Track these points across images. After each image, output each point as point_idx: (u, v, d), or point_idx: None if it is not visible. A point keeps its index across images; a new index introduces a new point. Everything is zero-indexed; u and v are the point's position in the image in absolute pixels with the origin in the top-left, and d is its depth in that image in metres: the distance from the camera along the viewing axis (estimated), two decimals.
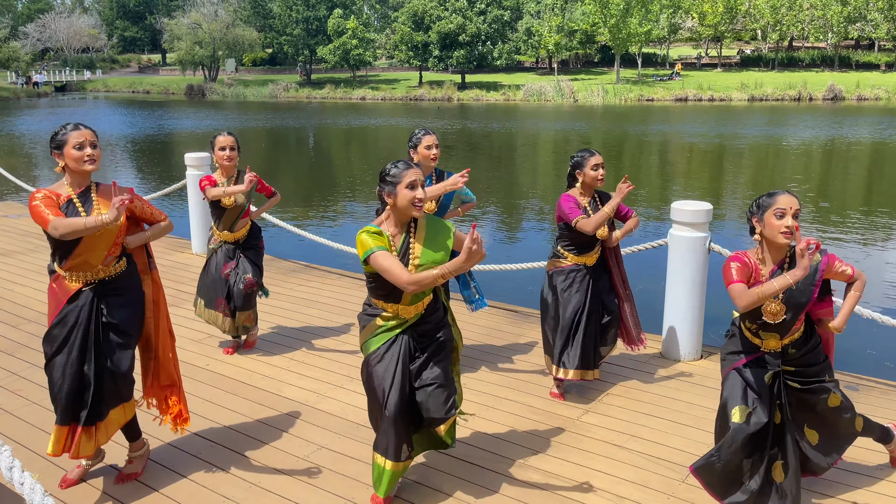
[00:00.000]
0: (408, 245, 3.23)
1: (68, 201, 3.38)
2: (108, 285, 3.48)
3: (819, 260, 3.17)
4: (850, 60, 62.82)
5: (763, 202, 3.12)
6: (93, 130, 3.41)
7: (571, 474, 3.81)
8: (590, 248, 4.63)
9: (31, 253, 8.39)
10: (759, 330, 3.27)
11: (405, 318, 3.31)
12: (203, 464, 3.89)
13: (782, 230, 3.04)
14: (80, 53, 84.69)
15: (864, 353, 6.60)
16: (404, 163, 3.18)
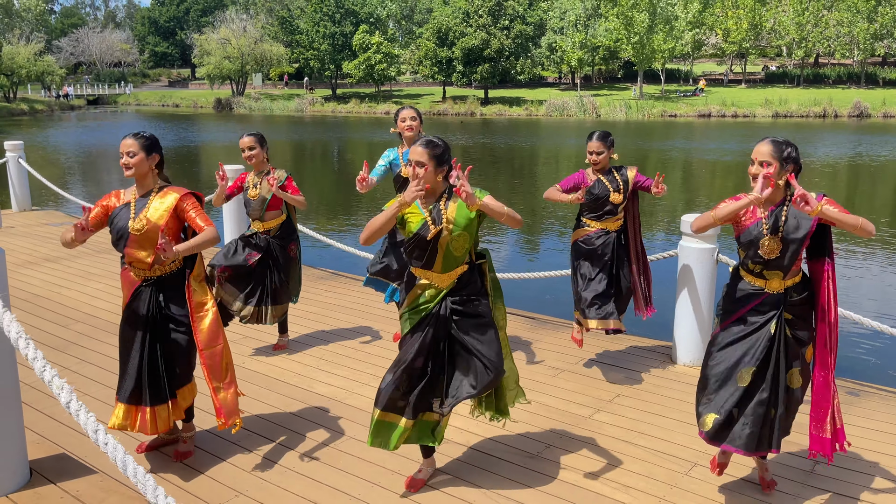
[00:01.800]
0: (439, 207, 3.53)
1: (126, 205, 3.78)
2: (163, 281, 3.85)
3: (814, 195, 3.29)
4: (877, 77, 62.36)
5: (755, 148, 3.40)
6: (136, 140, 3.72)
7: (582, 466, 4.09)
8: (609, 214, 5.20)
9: (74, 259, 8.85)
10: (762, 270, 3.44)
11: (440, 286, 3.58)
12: (241, 450, 4.22)
13: (751, 171, 3.37)
14: (113, 68, 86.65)
15: (866, 361, 6.80)
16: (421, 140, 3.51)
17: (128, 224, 3.73)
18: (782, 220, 3.38)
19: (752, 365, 3.43)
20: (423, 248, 3.52)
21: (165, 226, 3.74)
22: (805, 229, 3.34)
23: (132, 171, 3.75)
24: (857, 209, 16.37)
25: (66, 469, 3.39)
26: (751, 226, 3.42)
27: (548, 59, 65.05)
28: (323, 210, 16.40)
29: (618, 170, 5.24)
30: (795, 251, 3.37)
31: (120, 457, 2.25)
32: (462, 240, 3.53)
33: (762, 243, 3.38)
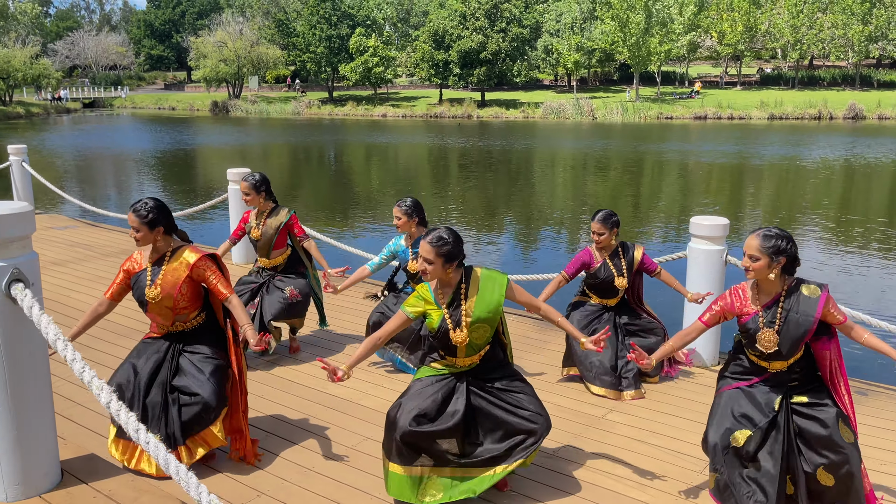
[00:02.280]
0: (458, 301, 3.52)
1: (142, 270, 3.90)
2: (187, 335, 4.00)
3: (819, 295, 3.31)
4: (872, 79, 62.72)
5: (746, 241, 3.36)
6: (137, 217, 3.78)
7: (597, 464, 4.16)
8: (610, 294, 5.20)
9: (80, 262, 8.88)
10: (764, 356, 3.43)
11: (461, 367, 3.65)
12: (260, 451, 4.27)
13: (744, 267, 3.35)
14: (108, 71, 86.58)
15: (874, 361, 6.89)
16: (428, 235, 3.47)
17: (145, 292, 3.86)
18: (779, 316, 3.33)
19: (749, 429, 3.39)
20: (444, 343, 3.57)
21: (179, 292, 3.84)
22: (806, 327, 3.29)
23: (140, 244, 3.88)
24: (853, 210, 16.50)
25: (96, 469, 3.44)
26: (748, 320, 3.39)
27: (544, 62, 65.24)
28: (322, 212, 16.46)
29: (624, 250, 5.17)
30: (794, 345, 3.34)
31: (162, 455, 2.31)
32: (482, 331, 3.55)
33: (759, 337, 3.35)
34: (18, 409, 3.06)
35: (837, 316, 3.36)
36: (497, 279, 3.56)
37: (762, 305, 3.38)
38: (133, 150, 32.18)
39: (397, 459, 3.52)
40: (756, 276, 3.34)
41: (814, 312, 3.29)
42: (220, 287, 3.89)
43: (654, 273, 5.20)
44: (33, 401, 3.12)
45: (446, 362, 3.65)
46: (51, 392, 3.19)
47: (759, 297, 3.40)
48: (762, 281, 3.37)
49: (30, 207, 3.05)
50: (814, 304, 3.31)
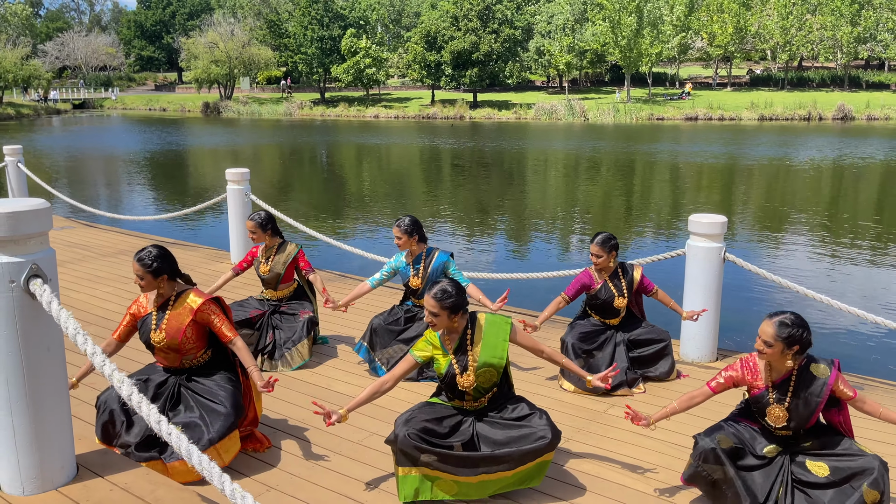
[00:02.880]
0: (464, 346, 3.63)
1: (148, 314, 3.97)
2: (195, 371, 4.05)
3: (828, 375, 3.37)
4: (860, 80, 63.24)
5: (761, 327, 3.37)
6: (141, 266, 3.83)
7: (600, 457, 4.22)
8: (611, 314, 5.27)
9: (79, 262, 8.89)
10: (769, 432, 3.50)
11: (468, 409, 3.75)
12: (269, 447, 4.31)
13: (756, 346, 3.39)
14: (98, 72, 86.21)
15: (870, 356, 7.00)
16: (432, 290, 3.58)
17: (151, 336, 3.93)
18: (790, 394, 3.39)
19: (735, 442, 3.47)
20: (451, 387, 3.67)
21: (184, 335, 3.90)
22: (814, 405, 3.36)
23: (144, 290, 3.94)
24: (842, 209, 16.66)
25: (111, 463, 3.48)
26: (758, 394, 3.47)
27: (536, 63, 65.43)
28: (314, 212, 16.49)
29: (623, 271, 5.25)
30: (803, 421, 3.39)
31: (185, 446, 2.35)
32: (489, 375, 3.65)
33: (768, 412, 3.41)
34: (36, 404, 3.10)
35: (847, 392, 3.41)
36: (501, 325, 3.68)
37: (773, 381, 3.43)
38: (125, 151, 32.10)
39: (405, 461, 3.60)
40: (768, 360, 3.41)
41: (823, 392, 3.36)
42: (224, 331, 3.99)
43: (651, 293, 5.29)
44: (50, 395, 3.16)
45: (454, 405, 3.76)
46: (67, 387, 3.23)
47: (771, 373, 3.45)
48: (775, 361, 3.42)
49: (47, 204, 3.09)
50: (823, 383, 3.37)
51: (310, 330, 5.68)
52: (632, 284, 5.24)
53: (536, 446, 3.63)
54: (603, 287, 5.22)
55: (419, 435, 3.54)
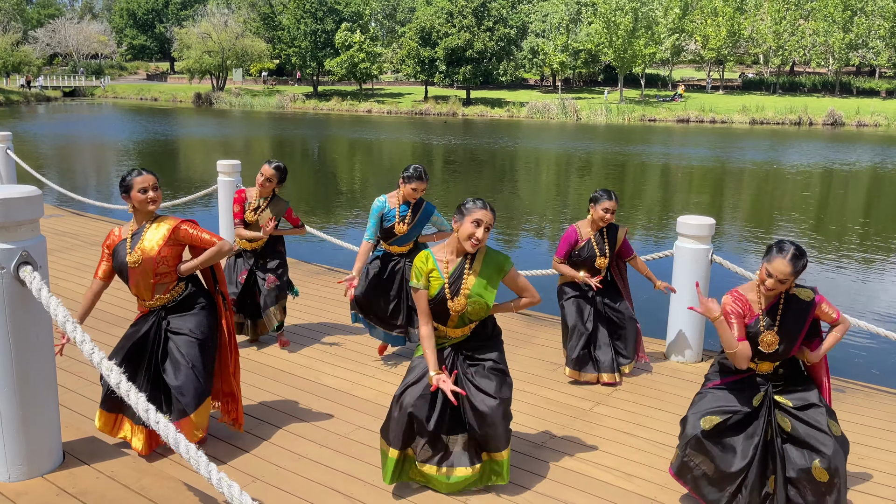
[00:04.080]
0: (461, 273, 3.61)
1: (122, 241, 3.89)
2: (171, 309, 3.94)
3: (813, 297, 3.50)
4: (851, 86, 63.64)
5: (770, 256, 3.41)
6: (154, 175, 3.88)
7: (585, 455, 4.26)
8: (593, 274, 5.28)
9: (68, 251, 8.86)
10: (755, 357, 3.56)
11: (452, 337, 3.74)
12: (254, 438, 4.33)
13: (766, 285, 3.42)
14: (90, 59, 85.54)
15: (853, 359, 7.08)
16: (482, 201, 3.53)
17: (125, 259, 3.84)
18: (779, 317, 3.49)
19: (719, 416, 3.52)
20: (439, 310, 3.64)
21: (159, 254, 3.82)
22: (801, 326, 3.48)
23: (157, 205, 3.87)
24: (830, 214, 16.79)
25: (98, 451, 3.48)
26: (749, 324, 3.52)
27: (530, 62, 65.46)
28: (305, 206, 16.48)
29: (609, 229, 5.30)
30: (791, 344, 3.50)
31: (172, 435, 2.37)
32: (478, 306, 3.63)
33: (760, 340, 3.48)
34: (23, 391, 3.10)
35: (831, 314, 3.56)
36: (501, 261, 3.65)
37: (763, 309, 3.51)
38: (115, 140, 31.91)
39: (397, 443, 3.64)
40: (771, 293, 3.45)
41: (809, 311, 3.48)
42: (204, 237, 3.91)
43: (630, 258, 5.36)
44: (38, 382, 3.16)
45: (438, 333, 3.72)
46: (55, 374, 3.23)
47: (762, 301, 3.52)
48: (766, 290, 3.47)
49: (38, 191, 3.09)
50: (809, 304, 3.50)
51: (277, 299, 5.77)
52: (615, 244, 5.30)
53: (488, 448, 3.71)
54: (587, 245, 5.27)
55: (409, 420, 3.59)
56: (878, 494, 3.90)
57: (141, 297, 3.91)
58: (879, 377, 6.58)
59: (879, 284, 10.56)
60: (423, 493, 3.79)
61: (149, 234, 3.84)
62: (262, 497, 3.66)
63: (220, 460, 4.04)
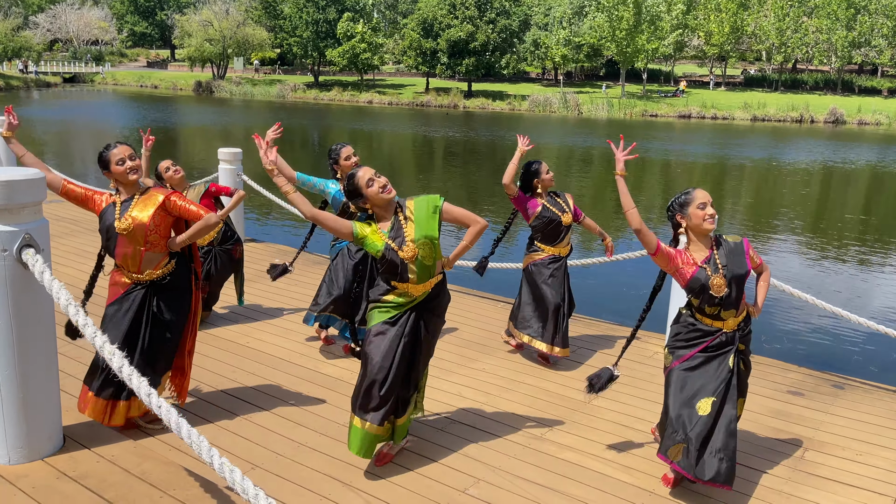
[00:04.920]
0: (399, 225, 3.69)
1: (111, 204, 3.87)
2: (157, 286, 3.92)
3: (741, 238, 3.76)
4: (853, 85, 63.53)
5: (683, 200, 3.70)
6: (128, 145, 3.88)
7: (584, 447, 4.27)
8: (560, 239, 5.42)
9: (68, 237, 8.85)
10: (720, 311, 3.68)
11: (414, 295, 3.75)
12: (254, 426, 4.34)
13: (706, 218, 3.61)
14: (90, 46, 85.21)
15: (851, 356, 7.10)
16: (350, 174, 3.67)
17: (114, 224, 3.80)
18: (719, 262, 3.66)
19: (711, 395, 3.62)
20: (395, 267, 3.66)
21: (152, 221, 3.82)
22: (744, 266, 3.69)
23: (139, 174, 3.86)
24: (829, 212, 16.81)
25: (98, 435, 3.49)
26: (697, 272, 3.64)
27: (532, 55, 65.28)
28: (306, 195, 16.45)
29: (556, 194, 5.48)
30: (739, 286, 3.66)
31: (174, 419, 2.37)
32: (428, 248, 3.68)
33: (711, 284, 3.60)
34: (24, 374, 3.10)
35: (756, 259, 3.84)
36: (432, 200, 3.74)
37: (702, 260, 3.68)
38: (116, 127, 31.84)
39: (370, 417, 3.72)
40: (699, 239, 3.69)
41: (744, 251, 3.73)
42: (192, 209, 3.91)
43: (580, 219, 5.49)
44: (39, 365, 3.16)
45: (399, 291, 3.73)
46: (56, 356, 3.23)
47: (697, 254, 3.71)
48: (700, 238, 3.70)
49: (42, 174, 3.08)
50: (740, 246, 3.75)
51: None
52: (568, 204, 5.43)
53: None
54: (543, 207, 5.35)
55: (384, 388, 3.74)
56: (877, 491, 3.92)
57: (127, 269, 3.85)
58: (877, 374, 6.60)
59: (877, 282, 10.57)
60: (420, 481, 3.80)
61: (140, 202, 3.85)
62: (262, 484, 3.66)
63: (220, 447, 4.05)
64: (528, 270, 5.51)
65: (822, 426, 4.67)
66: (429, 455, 4.08)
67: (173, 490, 3.15)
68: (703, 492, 3.82)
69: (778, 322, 8.29)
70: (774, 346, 7.36)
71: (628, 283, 9.59)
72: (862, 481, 4.00)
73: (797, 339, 7.69)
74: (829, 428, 4.65)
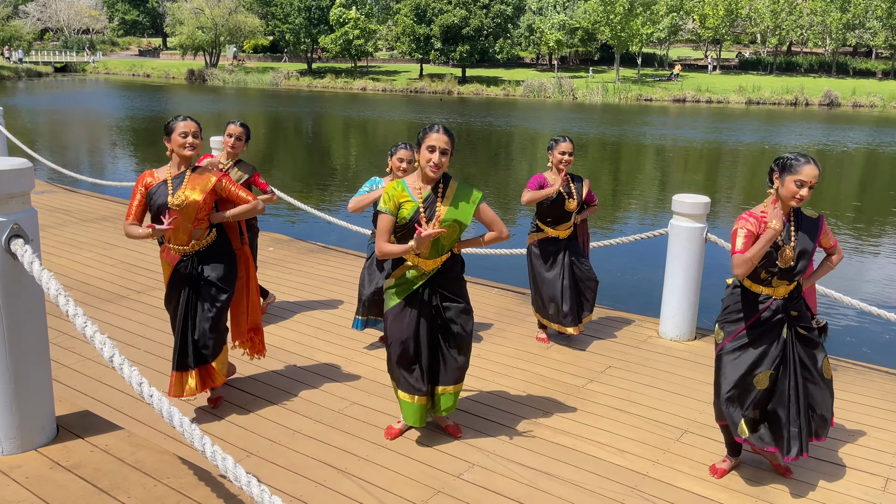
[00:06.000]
0: (434, 201, 3.71)
1: (163, 182, 3.99)
2: (202, 254, 4.11)
3: (819, 215, 3.66)
4: (848, 67, 63.42)
5: (790, 165, 3.44)
6: (197, 123, 4.02)
7: (578, 431, 4.29)
8: (562, 221, 5.42)
9: (60, 227, 8.81)
10: (771, 279, 3.58)
11: (424, 269, 3.79)
12: (249, 414, 4.34)
13: (797, 197, 3.44)
14: (81, 34, 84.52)
15: (845, 338, 7.13)
16: (438, 126, 3.69)
17: (166, 200, 3.95)
18: (793, 233, 3.55)
19: (769, 368, 3.58)
20: (412, 236, 3.67)
21: (204, 201, 3.98)
22: (813, 241, 3.59)
23: (195, 152, 4.00)
24: (823, 194, 16.82)
25: (91, 425, 3.48)
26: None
27: (526, 40, 64.95)
28: (299, 183, 16.40)
29: (573, 178, 5.47)
30: (806, 259, 3.57)
31: (166, 408, 2.37)
32: (452, 231, 3.72)
33: (780, 254, 3.50)
34: (16, 364, 3.09)
35: (830, 239, 3.74)
36: (473, 193, 3.79)
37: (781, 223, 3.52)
38: (108, 116, 31.66)
39: (405, 387, 3.90)
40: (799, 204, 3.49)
41: (818, 227, 3.62)
42: (242, 195, 4.12)
43: (593, 205, 5.62)
44: (30, 356, 3.15)
45: (409, 265, 3.79)
46: (48, 347, 3.22)
47: (773, 218, 3.49)
48: (782, 205, 3.54)
49: (29, 164, 3.06)
50: (816, 221, 3.64)
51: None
52: (581, 192, 5.45)
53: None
54: (563, 186, 5.37)
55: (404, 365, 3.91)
56: (870, 471, 3.94)
57: (177, 242, 4.04)
58: (871, 356, 6.62)
59: (871, 264, 10.60)
60: (415, 466, 3.81)
61: (191, 180, 3.99)
62: (257, 471, 3.67)
63: (215, 435, 4.06)
64: (530, 251, 5.60)
65: None
66: (423, 440, 4.09)
67: (167, 478, 3.15)
68: (703, 476, 3.84)
69: None
70: None
71: (623, 267, 9.59)
72: (855, 462, 4.03)
73: None
74: None
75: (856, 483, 3.82)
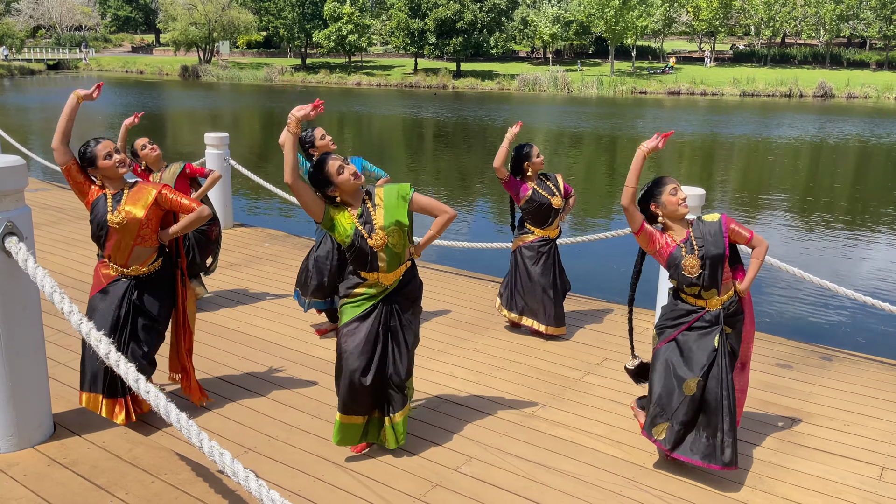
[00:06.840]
0: (368, 213, 3.64)
1: (102, 195, 3.80)
2: (142, 282, 3.90)
3: (719, 217, 3.72)
4: (842, 58, 63.46)
5: (654, 189, 3.70)
6: (109, 140, 3.81)
7: (575, 423, 4.30)
8: (549, 222, 5.47)
9: (54, 225, 8.79)
10: (700, 291, 3.68)
11: (385, 284, 3.71)
12: (245, 409, 4.34)
13: (679, 203, 3.63)
14: (73, 31, 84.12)
15: (839, 328, 7.16)
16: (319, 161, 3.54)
17: (106, 217, 3.75)
18: (695, 243, 3.66)
19: (697, 375, 3.64)
20: (364, 256, 3.62)
21: (146, 217, 3.78)
22: (720, 247, 3.65)
23: (126, 168, 3.81)
24: (817, 186, 16.86)
25: (88, 422, 3.48)
26: (673, 250, 3.66)
27: (521, 33, 64.84)
28: None
29: (546, 176, 5.51)
30: (715, 267, 3.64)
31: (163, 404, 2.37)
32: (397, 235, 3.63)
33: (684, 265, 3.63)
34: (12, 362, 3.08)
35: (743, 234, 3.77)
36: (401, 189, 3.71)
37: (682, 240, 3.70)
38: (102, 113, 31.55)
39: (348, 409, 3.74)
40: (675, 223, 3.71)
41: (721, 229, 3.69)
42: (185, 202, 3.88)
43: (572, 195, 5.64)
44: (26, 354, 3.14)
45: (370, 282, 3.69)
46: (44, 345, 3.22)
47: (675, 235, 3.72)
48: (677, 223, 3.72)
49: (22, 161, 3.05)
50: (717, 223, 3.71)
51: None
52: (558, 187, 5.48)
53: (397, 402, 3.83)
54: (533, 191, 5.40)
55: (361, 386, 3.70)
56: (865, 460, 3.97)
57: (115, 262, 3.83)
58: (865, 345, 6.65)
59: (865, 254, 10.64)
60: (413, 460, 3.82)
61: (131, 196, 3.79)
62: (255, 467, 3.67)
63: (212, 431, 4.06)
64: (518, 252, 5.57)
65: (811, 398, 4.71)
66: (421, 434, 4.10)
67: (165, 475, 3.16)
68: (691, 467, 3.85)
69: (766, 295, 8.34)
70: (763, 320, 7.41)
71: (618, 260, 9.61)
72: (850, 451, 4.05)
73: (786, 313, 7.75)
74: (818, 399, 4.69)
75: (851, 472, 3.84)
